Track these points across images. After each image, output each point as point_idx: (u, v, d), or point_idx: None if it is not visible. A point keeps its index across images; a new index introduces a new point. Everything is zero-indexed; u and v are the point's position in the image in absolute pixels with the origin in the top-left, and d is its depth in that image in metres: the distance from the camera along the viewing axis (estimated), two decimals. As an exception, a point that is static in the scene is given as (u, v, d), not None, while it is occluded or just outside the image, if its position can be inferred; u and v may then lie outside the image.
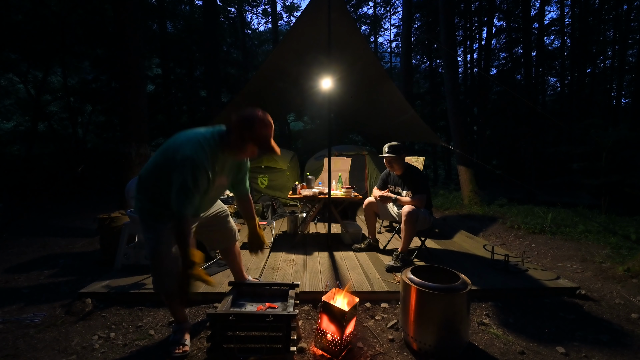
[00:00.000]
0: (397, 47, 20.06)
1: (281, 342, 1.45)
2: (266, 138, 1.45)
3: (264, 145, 1.45)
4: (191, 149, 1.35)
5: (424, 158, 4.65)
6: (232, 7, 13.84)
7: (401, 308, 1.73)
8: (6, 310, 2.11)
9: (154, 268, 1.53)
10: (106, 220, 2.94)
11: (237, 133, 1.43)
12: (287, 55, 3.80)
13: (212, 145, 1.41)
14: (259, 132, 1.42)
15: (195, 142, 1.38)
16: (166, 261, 1.51)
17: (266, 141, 1.45)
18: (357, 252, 3.12)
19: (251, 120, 1.41)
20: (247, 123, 1.41)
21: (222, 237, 1.90)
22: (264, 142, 1.45)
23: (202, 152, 1.36)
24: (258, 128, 1.41)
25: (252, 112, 1.43)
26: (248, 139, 1.43)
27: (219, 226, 1.86)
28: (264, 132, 1.43)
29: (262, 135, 1.43)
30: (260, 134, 1.42)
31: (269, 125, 1.46)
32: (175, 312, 1.67)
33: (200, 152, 1.35)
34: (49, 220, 5.36)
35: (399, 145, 2.83)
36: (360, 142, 14.71)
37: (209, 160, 1.38)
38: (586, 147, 6.45)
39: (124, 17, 3.91)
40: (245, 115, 1.42)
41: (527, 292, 2.28)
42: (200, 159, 1.34)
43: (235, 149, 1.48)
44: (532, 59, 12.00)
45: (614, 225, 4.32)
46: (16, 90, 11.02)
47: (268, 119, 1.46)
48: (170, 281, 1.50)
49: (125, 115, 4.00)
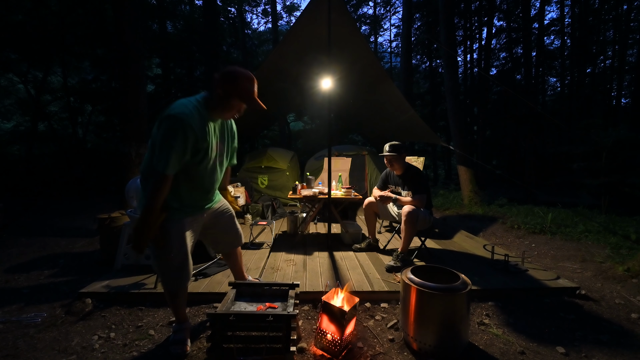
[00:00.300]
0: (397, 47, 20.07)
1: (281, 342, 1.45)
2: (250, 91, 1.44)
3: (248, 98, 1.44)
4: (177, 108, 1.34)
5: (424, 158, 4.65)
6: (232, 7, 13.84)
7: (401, 308, 1.73)
8: (6, 310, 2.11)
9: (159, 261, 1.53)
10: (106, 220, 2.94)
11: (220, 89, 1.41)
12: (287, 55, 3.81)
13: (200, 108, 1.41)
14: (242, 86, 1.41)
15: (183, 103, 1.38)
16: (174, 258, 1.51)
17: (250, 95, 1.44)
18: (357, 252, 3.12)
19: (233, 74, 1.40)
20: (230, 77, 1.40)
21: (228, 240, 1.87)
22: (248, 95, 1.44)
23: (190, 112, 1.34)
24: (241, 81, 1.41)
25: (233, 68, 1.43)
26: (232, 94, 1.41)
27: (225, 228, 1.82)
28: (247, 85, 1.42)
29: (246, 88, 1.42)
30: (244, 87, 1.42)
31: (251, 80, 1.44)
32: (176, 311, 1.67)
33: (187, 111, 1.34)
34: (49, 220, 5.36)
35: (399, 145, 2.83)
36: (360, 142, 14.72)
37: (197, 121, 1.36)
38: (586, 147, 6.46)
39: (124, 17, 3.91)
40: (228, 71, 1.41)
41: (527, 292, 2.28)
42: (187, 117, 1.32)
43: (220, 106, 1.45)
44: (532, 59, 12.00)
45: (614, 225, 4.32)
46: (16, 90, 11.02)
47: (250, 74, 1.45)
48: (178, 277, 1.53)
49: (125, 115, 4.00)
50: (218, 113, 1.47)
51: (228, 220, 1.83)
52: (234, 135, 1.71)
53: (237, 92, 1.41)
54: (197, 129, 1.35)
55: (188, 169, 1.45)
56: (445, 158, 17.17)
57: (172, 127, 1.31)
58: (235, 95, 1.42)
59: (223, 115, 1.49)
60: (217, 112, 1.46)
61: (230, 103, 1.44)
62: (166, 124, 1.31)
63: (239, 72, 1.42)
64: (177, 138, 1.31)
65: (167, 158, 1.30)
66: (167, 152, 1.30)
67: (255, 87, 1.47)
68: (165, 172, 1.32)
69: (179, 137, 1.31)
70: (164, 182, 1.34)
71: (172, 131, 1.30)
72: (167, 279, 1.56)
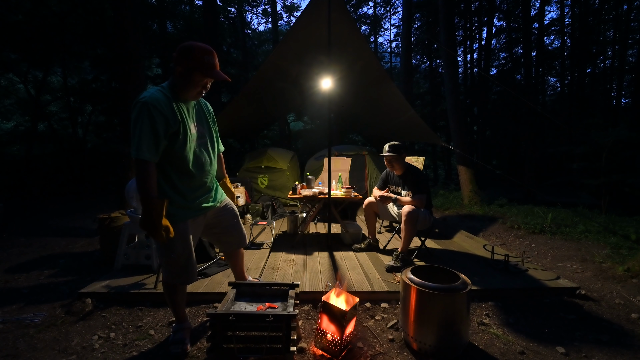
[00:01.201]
0: (397, 47, 20.05)
1: (281, 342, 1.45)
2: (210, 63, 1.39)
3: (209, 69, 1.39)
4: (142, 95, 1.35)
5: (424, 158, 4.65)
6: (232, 7, 13.84)
7: (401, 308, 1.73)
8: (6, 310, 2.11)
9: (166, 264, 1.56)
10: (106, 220, 2.94)
11: (180, 66, 1.38)
12: (287, 55, 3.81)
13: (165, 92, 1.40)
14: (199, 57, 1.36)
15: (148, 90, 1.38)
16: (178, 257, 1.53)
17: (211, 66, 1.39)
18: (357, 252, 3.12)
19: (189, 47, 1.37)
20: (186, 51, 1.37)
21: (232, 240, 1.85)
22: (209, 67, 1.39)
23: (154, 96, 1.34)
24: (198, 53, 1.37)
25: (189, 42, 1.40)
26: (192, 67, 1.37)
27: (228, 228, 1.81)
28: (206, 57, 1.38)
29: (205, 60, 1.37)
30: (202, 59, 1.37)
31: (210, 52, 1.40)
32: (176, 310, 1.68)
33: (151, 95, 1.33)
34: (49, 220, 5.36)
35: (399, 145, 2.83)
36: (360, 142, 14.70)
37: (163, 104, 1.35)
38: (586, 147, 6.45)
39: (124, 17, 3.91)
40: (183, 45, 1.39)
41: (527, 292, 2.28)
42: (152, 99, 1.32)
43: (183, 84, 1.40)
44: (532, 59, 11.99)
45: (614, 225, 4.32)
46: (16, 90, 11.01)
47: (208, 47, 1.40)
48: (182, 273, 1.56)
49: (125, 116, 4.00)
50: (184, 92, 1.43)
51: (231, 220, 1.81)
52: (212, 117, 1.69)
53: (197, 65, 1.37)
54: (164, 110, 1.34)
55: (172, 157, 1.43)
56: (445, 158, 17.16)
57: (138, 113, 1.31)
58: (194, 68, 1.37)
59: (189, 93, 1.44)
60: (182, 91, 1.43)
61: (192, 78, 1.39)
62: (134, 112, 1.32)
63: (195, 44, 1.38)
64: (144, 121, 1.30)
65: (138, 142, 1.30)
66: (138, 136, 1.30)
67: (216, 60, 1.42)
68: (139, 157, 1.30)
69: (145, 120, 1.30)
70: (144, 168, 1.31)
71: (139, 116, 1.30)
72: (170, 274, 1.58)
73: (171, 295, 1.64)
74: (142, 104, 1.30)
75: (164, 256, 1.54)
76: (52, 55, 9.05)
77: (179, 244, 1.50)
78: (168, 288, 1.63)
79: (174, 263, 1.53)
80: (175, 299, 1.65)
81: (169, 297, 1.65)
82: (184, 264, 1.55)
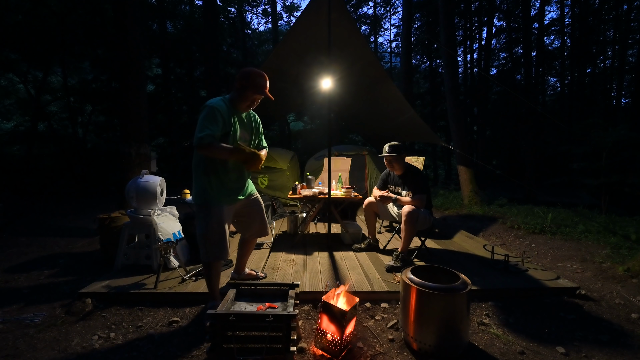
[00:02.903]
0: (397, 47, 20.06)
1: (281, 342, 1.45)
2: (262, 85, 1.82)
3: (259, 89, 1.81)
4: (210, 101, 1.79)
5: (424, 158, 4.65)
6: (232, 7, 13.84)
7: (401, 308, 1.73)
8: (6, 310, 2.11)
9: (203, 240, 1.84)
10: (106, 220, 2.94)
11: (238, 83, 1.81)
12: (287, 55, 3.80)
13: (226, 102, 1.82)
14: (254, 80, 1.80)
15: (214, 99, 1.80)
16: (213, 234, 1.82)
17: (262, 87, 1.82)
18: (357, 252, 3.12)
19: (247, 71, 1.82)
20: (244, 73, 1.81)
21: (254, 228, 2.13)
22: (260, 88, 1.81)
23: (219, 102, 1.77)
24: (253, 77, 1.80)
25: (248, 67, 1.85)
26: (247, 87, 1.79)
27: (253, 217, 2.10)
28: (259, 80, 1.81)
29: (258, 82, 1.81)
30: (256, 81, 1.80)
31: (262, 76, 1.83)
32: (210, 286, 1.90)
33: (218, 102, 1.77)
34: (49, 220, 5.36)
35: (399, 145, 2.83)
36: (360, 142, 14.71)
37: (225, 109, 1.76)
38: (586, 147, 6.44)
39: (124, 17, 3.90)
40: (243, 70, 1.84)
41: (527, 292, 2.28)
42: (217, 104, 1.74)
43: (238, 98, 1.83)
44: (532, 59, 12.00)
45: (614, 225, 4.32)
46: (16, 90, 11.01)
47: (261, 72, 1.84)
48: (216, 251, 1.84)
49: (125, 115, 3.99)
50: (238, 104, 1.85)
51: (258, 210, 2.11)
52: (258, 126, 2.07)
53: (251, 85, 1.79)
54: (223, 114, 1.75)
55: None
56: (445, 158, 17.17)
57: (206, 112, 1.72)
58: (248, 87, 1.80)
59: (242, 105, 1.85)
60: (237, 103, 1.85)
61: (246, 94, 1.81)
62: (203, 111, 1.74)
63: (251, 69, 1.84)
64: (209, 117, 1.70)
65: (203, 130, 1.66)
66: (204, 126, 1.68)
67: (266, 82, 1.84)
68: (204, 141, 1.65)
69: (209, 116, 1.71)
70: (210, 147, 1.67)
71: (207, 114, 1.71)
72: (206, 251, 1.84)
73: (207, 272, 1.88)
74: (210, 107, 1.73)
75: (201, 236, 1.83)
76: (52, 55, 9.06)
77: (215, 223, 1.82)
78: (207, 267, 1.88)
79: (210, 241, 1.82)
80: (210, 276, 1.88)
81: (206, 273, 1.89)
82: (217, 242, 1.83)
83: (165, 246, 2.31)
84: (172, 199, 3.10)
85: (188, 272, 2.47)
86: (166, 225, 2.72)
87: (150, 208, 2.69)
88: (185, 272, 2.45)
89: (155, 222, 2.62)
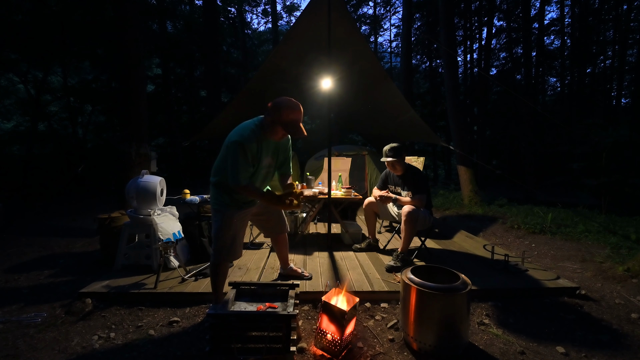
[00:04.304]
0: (397, 47, 20.03)
1: (281, 342, 1.45)
2: (291, 121, 1.70)
3: (290, 127, 1.71)
4: (237, 134, 1.69)
5: (424, 158, 4.65)
6: (232, 7, 13.83)
7: (401, 308, 1.73)
8: (6, 310, 2.11)
9: (215, 240, 1.85)
10: (106, 220, 2.94)
11: (269, 117, 1.72)
12: (287, 55, 3.80)
13: (255, 130, 1.72)
14: (285, 116, 1.68)
15: (242, 128, 1.73)
16: (224, 236, 1.82)
17: (290, 124, 1.70)
18: (357, 252, 3.12)
19: (278, 105, 1.69)
20: (276, 107, 1.69)
21: (275, 226, 2.20)
22: (289, 124, 1.71)
23: (247, 135, 1.68)
24: (284, 112, 1.68)
25: (281, 99, 1.72)
26: (277, 121, 1.70)
27: (269, 216, 2.14)
28: (290, 116, 1.69)
29: (288, 118, 1.69)
30: (287, 117, 1.69)
31: (295, 111, 1.71)
32: (216, 289, 1.88)
33: (245, 135, 1.67)
34: (49, 220, 5.36)
35: (399, 147, 2.82)
36: (360, 142, 14.70)
37: (253, 141, 1.69)
38: (586, 147, 6.44)
39: (124, 17, 3.90)
40: (275, 101, 1.71)
41: (527, 292, 2.28)
42: (245, 140, 1.66)
43: (269, 130, 1.75)
44: (532, 59, 11.99)
45: (614, 225, 4.32)
46: (16, 90, 11.02)
47: (294, 105, 1.71)
48: (225, 252, 1.84)
49: (125, 115, 3.99)
50: (268, 135, 1.77)
51: (274, 210, 2.12)
52: (286, 150, 2.00)
53: (281, 121, 1.70)
54: (252, 149, 1.69)
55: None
56: (445, 158, 17.16)
57: (235, 150, 1.65)
58: (279, 123, 1.70)
59: (272, 137, 1.79)
60: (267, 134, 1.77)
61: (275, 129, 1.73)
62: (231, 148, 1.67)
63: (283, 103, 1.70)
64: (239, 158, 1.66)
65: (237, 174, 1.67)
66: (236, 169, 1.66)
67: (299, 117, 1.73)
68: (241, 184, 1.68)
69: (240, 157, 1.66)
70: (246, 189, 1.71)
71: (234, 153, 1.66)
72: (219, 254, 1.84)
73: (214, 272, 1.87)
74: (237, 144, 1.65)
75: (215, 238, 1.84)
76: (52, 55, 9.05)
77: (227, 226, 1.82)
78: (214, 267, 1.86)
79: (220, 241, 1.83)
80: (217, 277, 1.86)
81: (213, 276, 1.87)
82: (228, 244, 1.84)
83: (165, 246, 2.31)
84: (172, 199, 3.10)
85: (188, 272, 2.47)
86: (166, 225, 2.72)
87: (150, 208, 2.69)
88: (185, 272, 2.45)
89: (155, 222, 2.62)
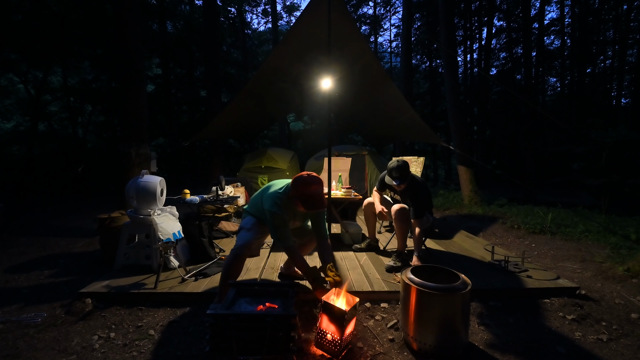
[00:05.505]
0: (397, 47, 20.05)
1: (281, 342, 1.45)
2: (307, 196, 1.85)
3: (306, 202, 1.86)
4: (269, 204, 1.94)
5: (424, 158, 4.65)
6: (232, 7, 13.82)
7: (401, 308, 1.73)
8: (6, 310, 2.11)
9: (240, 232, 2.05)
10: (106, 220, 2.94)
11: (292, 192, 1.92)
12: (287, 55, 3.80)
13: (283, 199, 1.94)
14: (301, 191, 1.86)
15: (273, 199, 1.95)
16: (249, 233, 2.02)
17: (306, 199, 1.85)
18: (357, 252, 3.12)
19: (296, 181, 1.89)
20: (294, 182, 1.90)
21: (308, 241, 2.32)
22: (306, 200, 1.85)
23: (277, 206, 1.91)
24: (300, 187, 1.86)
25: (300, 174, 1.91)
26: (295, 196, 1.89)
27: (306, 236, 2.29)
28: (306, 191, 1.85)
29: (304, 193, 1.85)
30: (303, 192, 1.86)
31: (311, 185, 1.86)
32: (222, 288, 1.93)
33: (275, 206, 1.92)
34: (49, 220, 5.36)
35: (405, 167, 2.61)
36: (360, 142, 14.70)
37: (282, 210, 1.92)
38: (586, 147, 6.44)
39: (124, 17, 3.90)
40: (297, 178, 1.91)
41: (527, 292, 2.28)
42: (276, 210, 1.90)
43: (291, 202, 1.94)
44: (532, 59, 11.98)
45: (614, 225, 4.31)
46: (16, 90, 11.02)
47: (310, 180, 1.87)
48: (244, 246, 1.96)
49: (125, 116, 3.99)
50: (294, 205, 1.95)
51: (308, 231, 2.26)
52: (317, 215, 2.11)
53: (298, 196, 1.87)
54: (285, 215, 1.92)
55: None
56: (445, 158, 17.17)
57: (275, 219, 1.91)
58: (296, 197, 1.88)
59: (297, 208, 1.95)
60: (293, 205, 1.95)
61: (296, 202, 1.90)
62: (271, 218, 1.91)
63: (299, 178, 1.89)
64: (279, 225, 1.91)
65: (283, 238, 1.92)
66: (281, 234, 1.91)
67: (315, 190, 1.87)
68: (288, 246, 1.92)
69: (280, 223, 1.91)
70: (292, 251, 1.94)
71: (276, 221, 1.91)
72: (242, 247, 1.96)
73: (229, 262, 1.94)
74: (275, 214, 1.90)
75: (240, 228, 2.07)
76: (52, 55, 9.05)
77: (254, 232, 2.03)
78: (233, 257, 1.94)
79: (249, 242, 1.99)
80: (229, 268, 1.93)
81: (226, 265, 1.94)
82: (255, 246, 2.06)
83: (165, 246, 2.31)
84: (172, 199, 3.10)
85: (188, 272, 2.47)
86: (166, 225, 2.72)
87: (150, 208, 2.69)
88: (185, 272, 2.45)
89: (155, 222, 2.62)
